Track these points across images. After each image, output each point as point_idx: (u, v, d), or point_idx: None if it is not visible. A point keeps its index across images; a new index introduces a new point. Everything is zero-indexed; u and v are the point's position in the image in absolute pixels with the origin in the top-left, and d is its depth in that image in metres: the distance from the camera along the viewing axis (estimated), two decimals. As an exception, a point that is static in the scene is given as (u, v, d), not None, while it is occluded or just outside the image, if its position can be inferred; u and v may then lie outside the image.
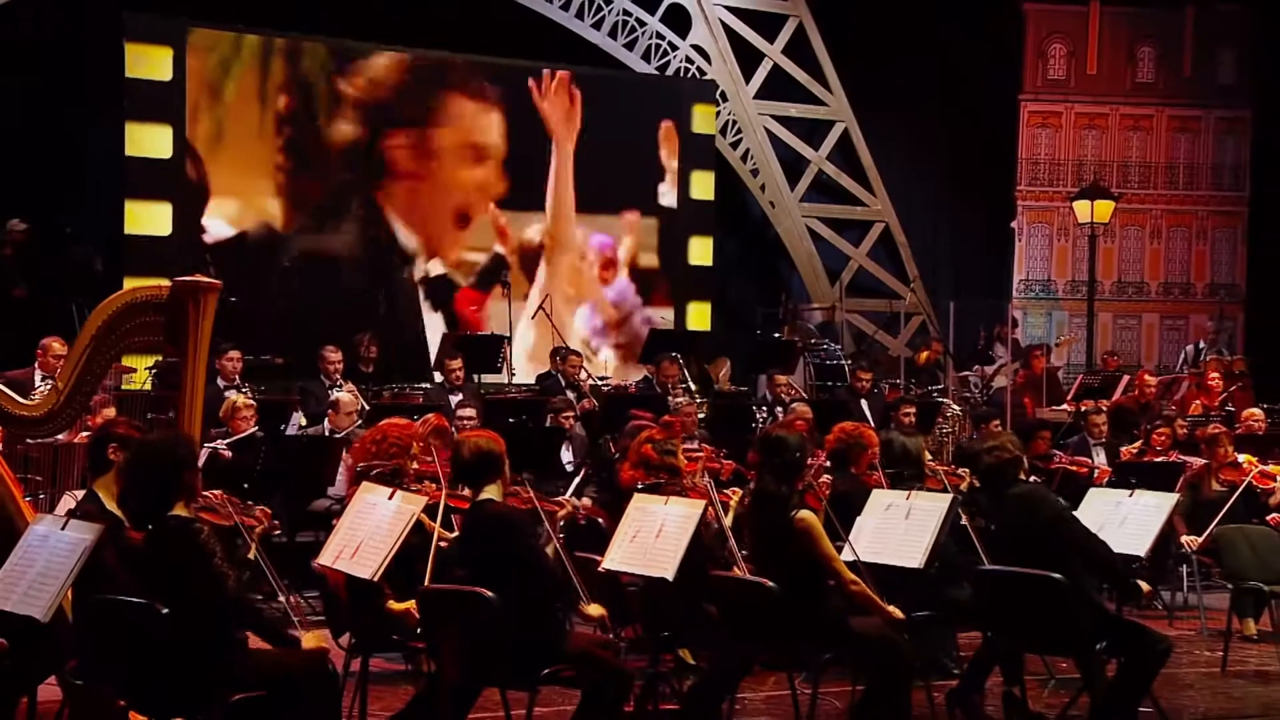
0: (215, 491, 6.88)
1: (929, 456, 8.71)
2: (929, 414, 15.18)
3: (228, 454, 11.32)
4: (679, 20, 21.41)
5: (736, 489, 9.51)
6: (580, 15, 20.74)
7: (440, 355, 15.01)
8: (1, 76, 16.99)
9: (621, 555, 7.21)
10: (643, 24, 21.18)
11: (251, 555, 6.63)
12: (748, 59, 21.78)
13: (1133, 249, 23.06)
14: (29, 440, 7.73)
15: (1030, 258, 22.81)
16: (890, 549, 7.54)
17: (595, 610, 7.12)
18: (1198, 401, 16.48)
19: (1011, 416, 16.96)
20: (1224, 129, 23.07)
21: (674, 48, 21.36)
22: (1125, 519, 8.11)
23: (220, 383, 12.92)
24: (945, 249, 23.10)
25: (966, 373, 19.54)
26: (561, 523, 7.61)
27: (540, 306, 16.56)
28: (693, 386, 15.27)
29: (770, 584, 7.02)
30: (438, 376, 14.68)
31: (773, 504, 7.25)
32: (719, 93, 21.43)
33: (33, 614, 5.64)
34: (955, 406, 15.90)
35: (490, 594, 6.27)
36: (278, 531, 7.52)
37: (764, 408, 14.63)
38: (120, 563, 6.05)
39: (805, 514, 7.18)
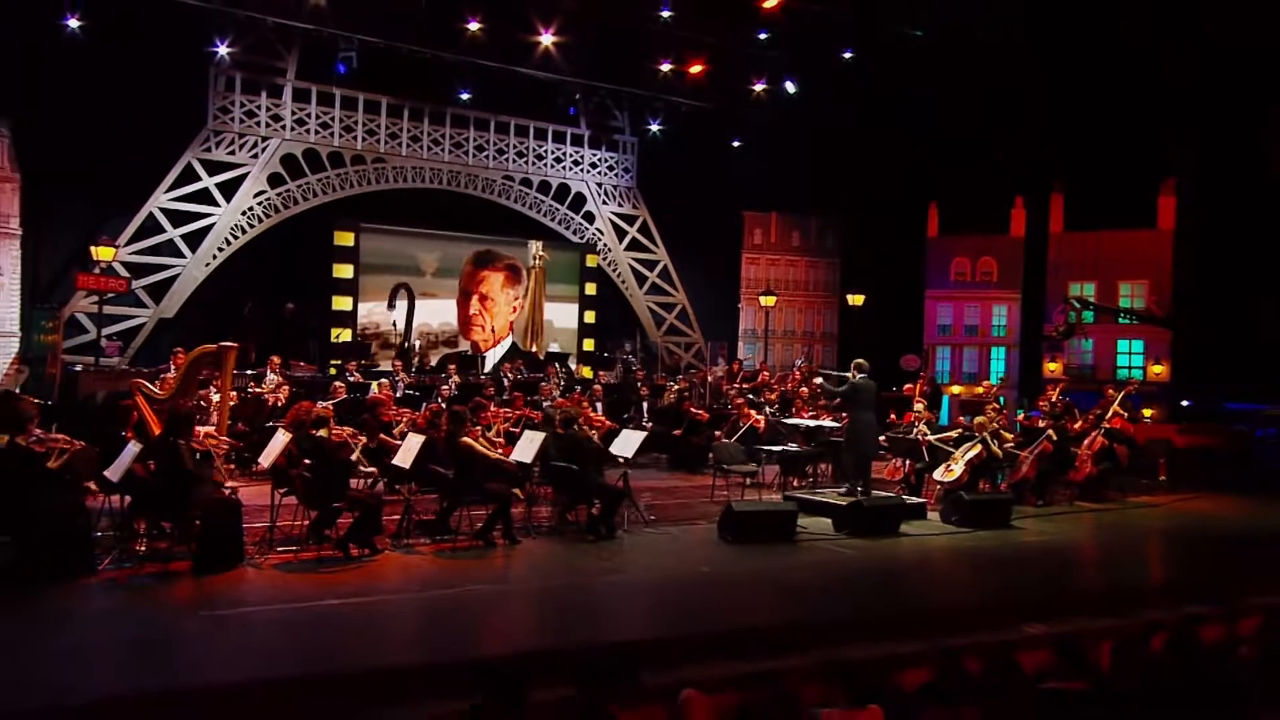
0: (209, 431, 7.02)
1: (561, 416, 8.73)
2: (658, 390, 15.21)
3: (330, 409, 11.36)
4: (590, 218, 21.57)
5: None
6: (543, 214, 20.92)
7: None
8: (282, 246, 17.06)
9: (399, 458, 7.59)
10: (573, 218, 21.36)
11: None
12: (620, 233, 21.88)
13: (789, 316, 23.13)
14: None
15: (745, 319, 22.91)
16: (524, 453, 7.85)
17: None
18: (790, 383, 16.53)
19: (709, 394, 17.04)
20: (828, 267, 23.12)
21: (587, 229, 21.52)
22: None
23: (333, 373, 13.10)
24: (690, 315, 22.97)
25: (699, 369, 19.67)
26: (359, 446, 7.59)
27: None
28: (562, 378, 15.50)
29: (447, 473, 7.41)
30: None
31: (451, 436, 7.55)
32: (606, 249, 21.65)
33: (113, 478, 6.02)
34: (675, 386, 15.41)
35: (302, 472, 6.68)
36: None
37: (580, 386, 14.66)
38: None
39: (464, 439, 7.48)
